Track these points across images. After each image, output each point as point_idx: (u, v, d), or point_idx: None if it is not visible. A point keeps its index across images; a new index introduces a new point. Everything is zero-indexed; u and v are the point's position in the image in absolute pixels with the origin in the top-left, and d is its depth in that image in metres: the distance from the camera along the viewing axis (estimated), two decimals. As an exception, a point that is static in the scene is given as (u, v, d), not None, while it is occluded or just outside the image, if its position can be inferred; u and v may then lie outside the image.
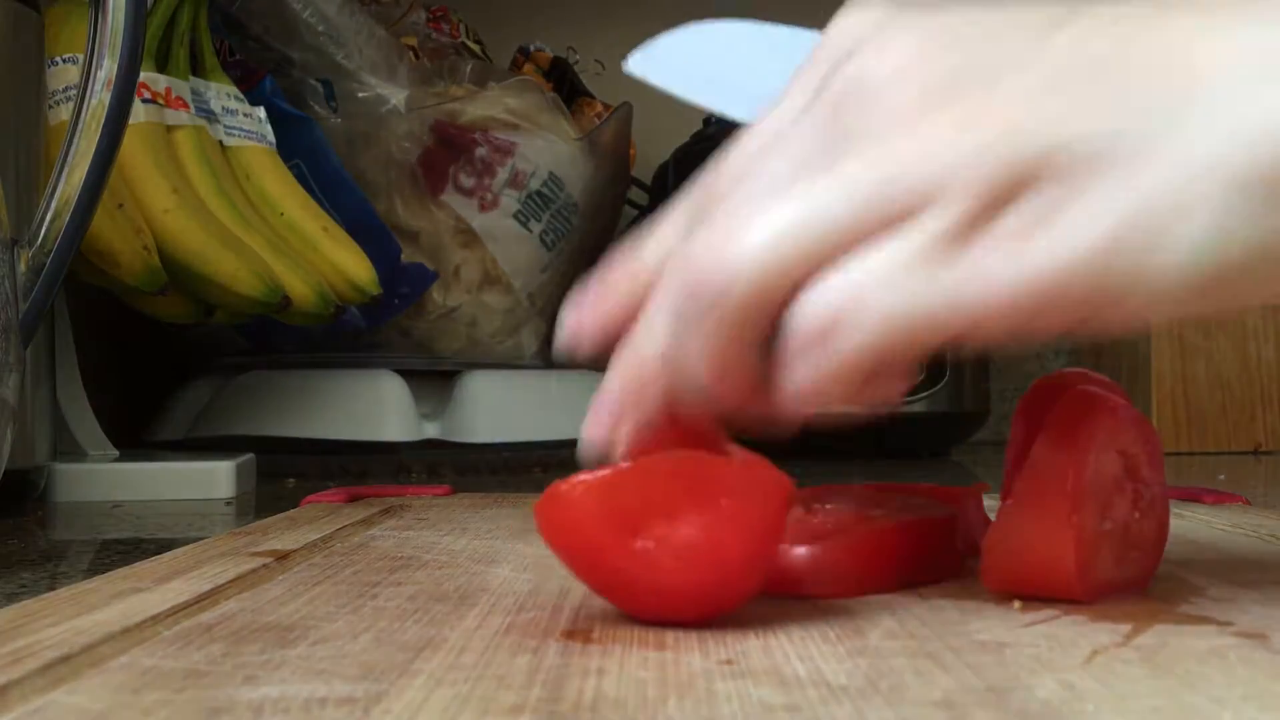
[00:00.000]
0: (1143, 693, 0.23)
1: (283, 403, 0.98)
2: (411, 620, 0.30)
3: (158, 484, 0.75)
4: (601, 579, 0.30)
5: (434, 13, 1.14)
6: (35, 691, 0.23)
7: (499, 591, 0.35)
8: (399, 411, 0.98)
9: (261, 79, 0.95)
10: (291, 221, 0.89)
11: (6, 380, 0.51)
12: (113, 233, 0.74)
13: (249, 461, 0.81)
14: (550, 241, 1.08)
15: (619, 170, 1.15)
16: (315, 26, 0.97)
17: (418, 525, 0.51)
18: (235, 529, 0.49)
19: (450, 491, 0.66)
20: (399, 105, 1.00)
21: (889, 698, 0.23)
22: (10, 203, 0.57)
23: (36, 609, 0.31)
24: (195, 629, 0.29)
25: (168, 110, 0.83)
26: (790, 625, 0.30)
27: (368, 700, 0.23)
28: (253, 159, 0.90)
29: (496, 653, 0.27)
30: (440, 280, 1.04)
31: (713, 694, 0.23)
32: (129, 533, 0.59)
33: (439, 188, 1.02)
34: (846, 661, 0.26)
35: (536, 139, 1.05)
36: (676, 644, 0.28)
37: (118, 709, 0.22)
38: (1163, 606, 0.32)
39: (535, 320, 1.10)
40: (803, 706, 0.22)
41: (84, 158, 0.58)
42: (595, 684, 0.24)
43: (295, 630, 0.29)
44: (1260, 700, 0.23)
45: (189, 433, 1.00)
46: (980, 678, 0.24)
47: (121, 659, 0.26)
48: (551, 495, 0.29)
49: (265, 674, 0.25)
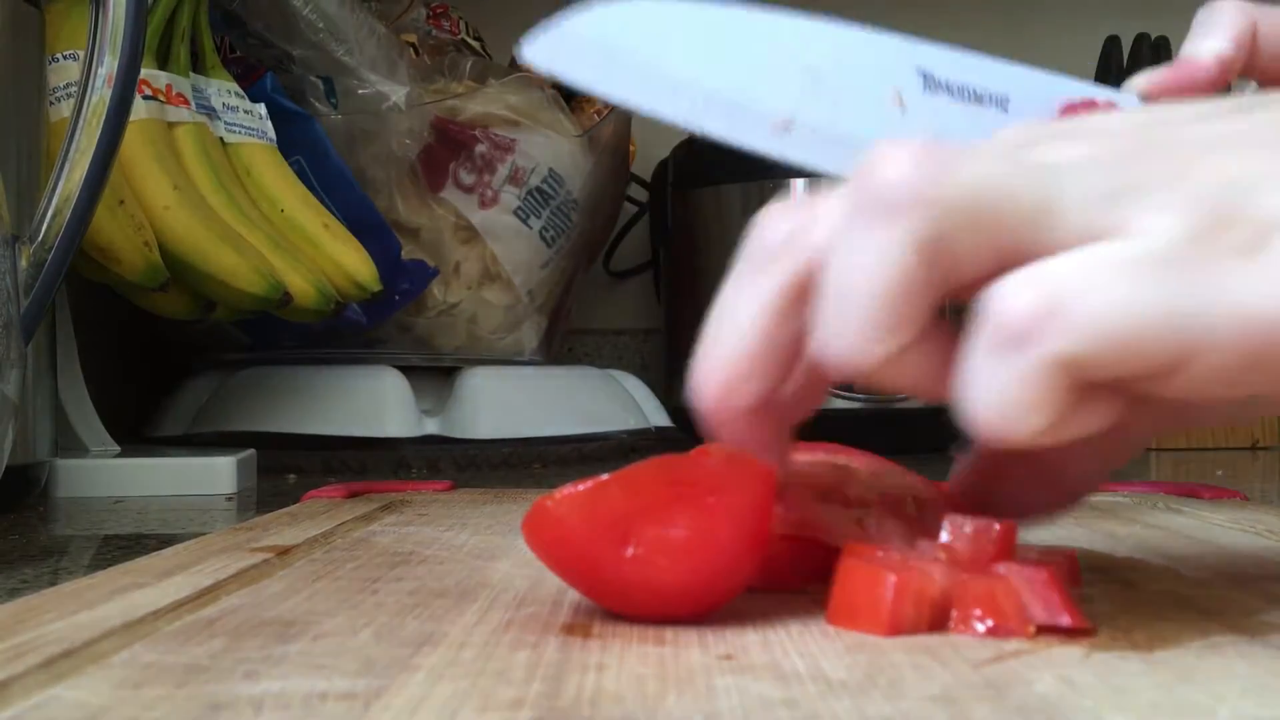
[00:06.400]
0: (1140, 688, 0.23)
1: (283, 399, 0.98)
2: (412, 616, 0.30)
3: (159, 480, 0.75)
4: (595, 588, 0.30)
5: (434, 9, 1.14)
6: (36, 686, 0.24)
7: (499, 587, 0.35)
8: (399, 407, 0.98)
9: (262, 75, 0.95)
10: (292, 218, 0.89)
11: (8, 376, 0.51)
12: (114, 229, 0.74)
13: (250, 457, 0.81)
14: (550, 238, 1.08)
15: (619, 167, 1.15)
16: (315, 23, 0.96)
17: (418, 521, 0.51)
18: (236, 524, 0.50)
19: (451, 487, 0.66)
20: (399, 102, 1.00)
21: (887, 693, 0.23)
22: (11, 199, 0.57)
23: (38, 604, 0.31)
24: (196, 624, 0.29)
25: (168, 107, 0.83)
26: (789, 620, 0.30)
27: (368, 695, 0.23)
28: (253, 155, 0.90)
29: (496, 648, 0.27)
30: (440, 277, 1.04)
31: (712, 689, 0.23)
32: (130, 528, 0.60)
33: (439, 184, 1.02)
34: (845, 657, 0.26)
35: (537, 136, 1.05)
36: (676, 639, 0.28)
37: (119, 704, 0.22)
38: (1160, 602, 0.32)
39: (535, 316, 1.10)
40: (801, 701, 0.22)
41: (85, 154, 0.58)
42: (595, 679, 0.24)
43: (296, 625, 0.29)
44: (1258, 695, 0.23)
45: (190, 428, 1.00)
46: (979, 673, 0.24)
47: (122, 654, 0.26)
48: (537, 511, 0.29)
49: (266, 669, 0.25)
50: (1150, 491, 0.61)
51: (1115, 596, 0.33)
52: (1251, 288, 0.24)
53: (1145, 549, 0.42)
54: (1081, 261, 0.25)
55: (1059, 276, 0.25)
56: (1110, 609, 0.31)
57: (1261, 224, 0.25)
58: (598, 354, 1.40)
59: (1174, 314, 0.24)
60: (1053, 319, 0.24)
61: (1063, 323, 0.24)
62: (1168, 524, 0.49)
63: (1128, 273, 0.24)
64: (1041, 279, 0.25)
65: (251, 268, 0.81)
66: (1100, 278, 0.24)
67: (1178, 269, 0.24)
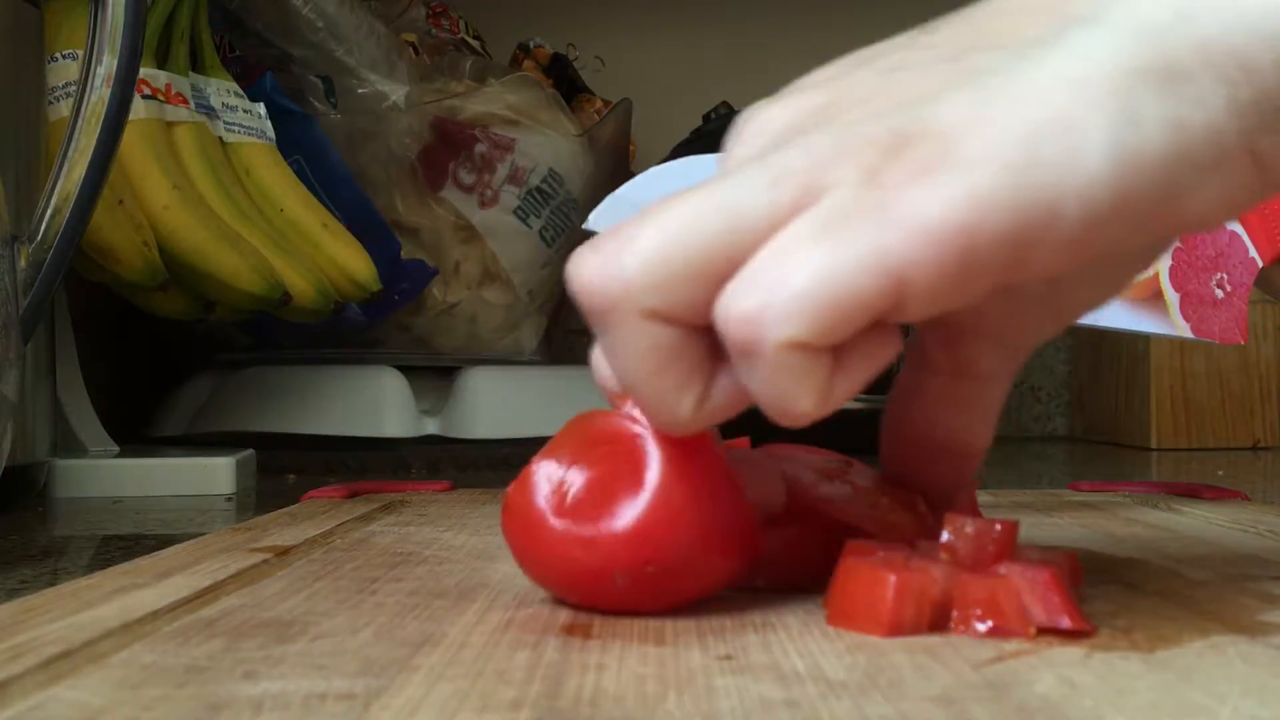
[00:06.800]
0: (1141, 688, 0.23)
1: (283, 399, 0.98)
2: (411, 616, 0.30)
3: (158, 480, 0.75)
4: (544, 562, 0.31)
5: (434, 9, 1.14)
6: (35, 687, 0.23)
7: (499, 587, 0.35)
8: (399, 407, 0.98)
9: (261, 75, 0.95)
10: (291, 218, 0.89)
11: (7, 376, 0.51)
12: (113, 229, 0.74)
13: (249, 457, 0.81)
14: (550, 238, 1.08)
15: (619, 166, 1.15)
16: (315, 23, 0.96)
17: (417, 521, 0.51)
18: (235, 525, 0.49)
19: (450, 487, 0.66)
20: (399, 101, 1.00)
21: (888, 693, 0.23)
22: (10, 199, 0.57)
23: (37, 604, 0.31)
24: (195, 624, 0.29)
25: (168, 106, 0.83)
26: (789, 620, 0.30)
27: (367, 696, 0.23)
28: (253, 155, 0.90)
29: (496, 648, 0.27)
30: (440, 276, 1.04)
31: (712, 689, 0.23)
32: (129, 528, 0.59)
33: (439, 184, 1.02)
34: (845, 657, 0.26)
35: (536, 135, 1.05)
36: (676, 639, 0.28)
37: (118, 705, 0.22)
38: (1161, 602, 0.32)
39: (535, 316, 1.10)
40: (802, 702, 0.22)
41: (84, 154, 0.58)
42: (595, 679, 0.24)
43: (295, 626, 0.29)
44: (1260, 696, 0.23)
45: (189, 429, 1.00)
46: (979, 673, 0.24)
47: (121, 654, 0.26)
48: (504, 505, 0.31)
49: (265, 669, 0.25)
50: (1151, 492, 0.61)
51: (1116, 597, 0.33)
52: (936, 201, 0.24)
53: (1146, 549, 0.41)
54: (773, 249, 0.25)
55: (756, 274, 0.25)
56: (1111, 609, 0.31)
57: (940, 136, 0.25)
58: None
59: (871, 257, 0.24)
60: (765, 314, 0.25)
61: (775, 313, 0.25)
62: (1169, 524, 0.49)
63: (815, 239, 0.25)
64: (743, 284, 0.25)
65: (251, 267, 0.81)
66: (793, 256, 0.25)
67: (863, 212, 0.25)
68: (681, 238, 0.26)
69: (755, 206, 0.26)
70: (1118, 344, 1.32)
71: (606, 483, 0.30)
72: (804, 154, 0.26)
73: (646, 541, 0.29)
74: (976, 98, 0.25)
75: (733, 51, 1.44)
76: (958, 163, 0.25)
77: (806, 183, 0.26)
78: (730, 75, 1.37)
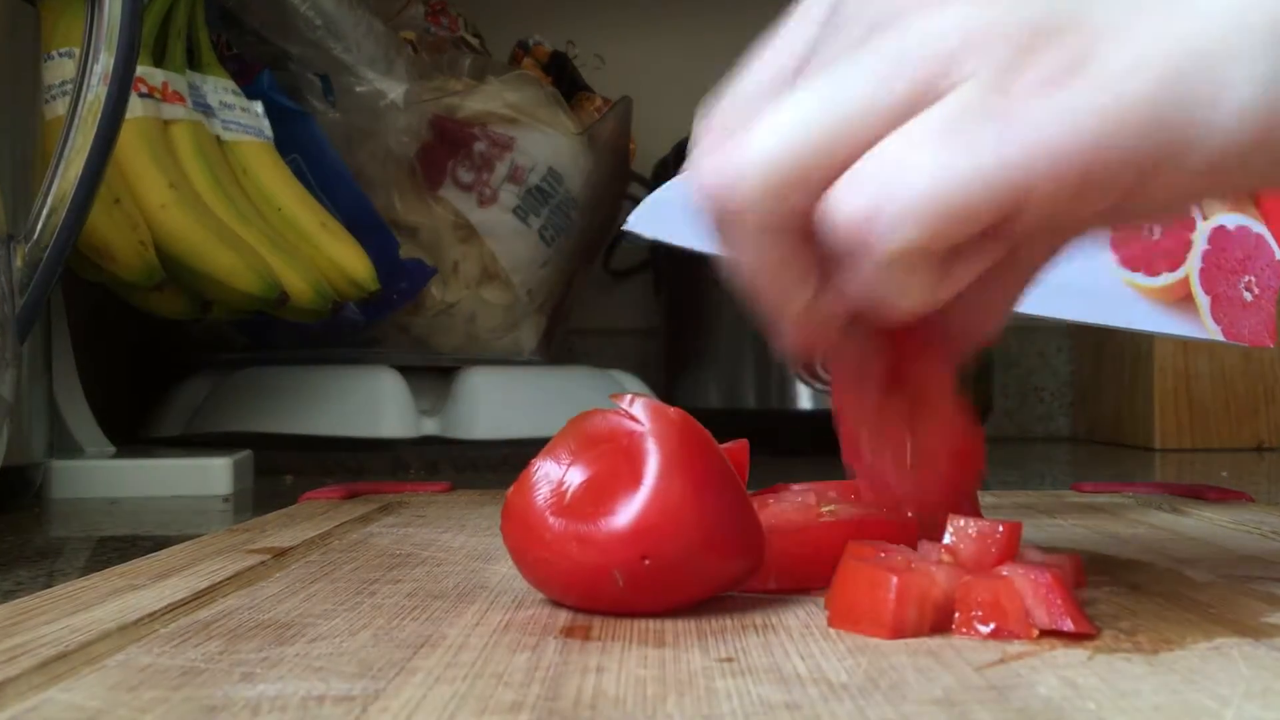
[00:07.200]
0: (1145, 690, 0.23)
1: (280, 399, 0.98)
2: (409, 618, 0.30)
3: (155, 481, 0.75)
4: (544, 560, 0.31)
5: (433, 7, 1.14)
6: (31, 689, 0.23)
7: (497, 589, 0.35)
8: (397, 408, 0.98)
9: (259, 73, 0.95)
10: (289, 217, 0.89)
11: (3, 377, 0.51)
12: (109, 228, 0.73)
13: (246, 458, 0.81)
14: (550, 237, 1.07)
15: (619, 165, 1.15)
16: (313, 21, 0.96)
17: (416, 522, 0.51)
18: (232, 526, 0.49)
19: (449, 488, 0.66)
20: (397, 100, 1.00)
21: (889, 695, 0.23)
22: (6, 198, 0.56)
23: (33, 606, 0.31)
24: (192, 626, 0.29)
25: (164, 105, 0.83)
26: (790, 622, 0.29)
27: (365, 698, 0.23)
28: (250, 154, 0.90)
29: (495, 650, 0.27)
30: (439, 276, 1.04)
31: (712, 692, 0.23)
32: (126, 529, 0.59)
33: (437, 183, 1.02)
34: (847, 659, 0.26)
35: (535, 134, 1.05)
36: (676, 641, 0.27)
37: (114, 707, 0.22)
38: (1164, 604, 0.32)
39: (534, 316, 1.10)
40: (803, 704, 0.22)
41: (80, 153, 0.58)
42: (594, 681, 0.24)
43: (293, 628, 0.29)
44: (1263, 698, 0.23)
45: (186, 429, 1.00)
46: (981, 675, 0.24)
47: (118, 656, 0.26)
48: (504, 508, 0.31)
49: (262, 672, 0.25)
50: (1154, 493, 0.61)
51: (1119, 599, 0.32)
52: (1069, 114, 0.24)
53: (1150, 551, 0.41)
54: (892, 147, 0.25)
55: (872, 173, 0.25)
56: (1114, 611, 0.31)
57: (1089, 33, 0.24)
58: (597, 354, 1.40)
59: (994, 170, 0.24)
60: (878, 217, 0.24)
61: (889, 218, 0.24)
62: (1172, 525, 0.49)
63: (935, 142, 0.24)
64: (858, 180, 0.25)
65: (248, 267, 0.80)
66: (911, 158, 0.24)
67: (990, 117, 0.24)
68: (795, 140, 0.25)
69: (872, 102, 0.25)
70: (1121, 344, 1.32)
71: (605, 481, 0.30)
72: (923, 43, 0.25)
73: (644, 536, 0.29)
74: (1133, 4, 0.24)
75: (733, 49, 1.44)
76: (1099, 71, 0.24)
77: (928, 77, 0.25)
78: (730, 73, 1.37)
